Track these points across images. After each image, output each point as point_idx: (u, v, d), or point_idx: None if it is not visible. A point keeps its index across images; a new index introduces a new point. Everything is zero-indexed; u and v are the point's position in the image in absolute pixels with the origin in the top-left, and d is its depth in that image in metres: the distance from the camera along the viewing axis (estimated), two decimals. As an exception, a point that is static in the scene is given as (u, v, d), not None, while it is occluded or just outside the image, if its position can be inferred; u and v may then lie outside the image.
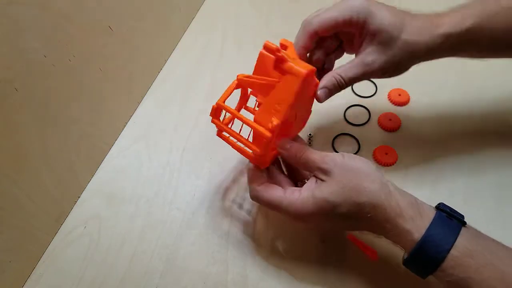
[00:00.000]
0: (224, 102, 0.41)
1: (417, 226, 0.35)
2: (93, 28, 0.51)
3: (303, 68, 0.38)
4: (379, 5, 0.41)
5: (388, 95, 0.60)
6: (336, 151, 0.54)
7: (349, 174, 0.37)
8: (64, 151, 0.49)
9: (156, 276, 0.46)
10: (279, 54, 0.38)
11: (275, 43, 0.56)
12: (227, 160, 0.55)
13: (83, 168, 0.53)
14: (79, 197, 0.53)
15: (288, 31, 0.72)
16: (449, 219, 0.36)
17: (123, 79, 0.58)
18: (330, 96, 0.43)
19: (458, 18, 0.41)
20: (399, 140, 0.55)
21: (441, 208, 0.37)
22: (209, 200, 0.52)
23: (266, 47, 0.39)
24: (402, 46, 0.41)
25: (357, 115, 0.58)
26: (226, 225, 0.50)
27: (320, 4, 0.75)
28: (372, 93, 0.60)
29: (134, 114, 0.61)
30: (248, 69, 0.68)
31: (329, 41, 0.45)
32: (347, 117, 0.58)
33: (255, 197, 0.41)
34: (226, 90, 0.41)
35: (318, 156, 0.39)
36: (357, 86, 0.61)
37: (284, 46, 0.44)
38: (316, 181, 0.39)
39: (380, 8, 0.41)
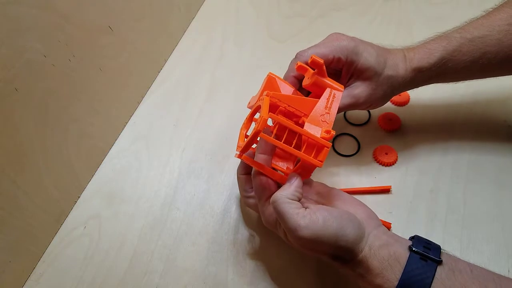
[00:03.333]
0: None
1: (388, 281, 0.35)
2: (93, 28, 0.51)
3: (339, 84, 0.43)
4: (365, 44, 0.45)
5: (388, 95, 0.60)
6: (336, 151, 0.55)
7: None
8: (64, 151, 0.49)
9: (156, 276, 0.46)
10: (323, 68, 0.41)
11: (274, 42, 0.56)
12: (227, 160, 0.55)
13: (83, 168, 0.53)
14: (79, 197, 0.53)
15: (288, 31, 0.72)
16: (423, 261, 0.35)
17: (123, 79, 0.58)
18: None
19: (425, 54, 0.46)
20: (399, 140, 0.55)
21: (415, 250, 0.36)
22: (209, 200, 0.52)
23: (313, 62, 0.41)
24: (384, 81, 0.45)
25: (357, 115, 0.58)
26: (226, 225, 0.50)
27: (319, 4, 0.74)
28: (372, 93, 0.60)
29: (134, 114, 0.61)
30: (247, 69, 0.69)
31: None
32: (347, 117, 0.58)
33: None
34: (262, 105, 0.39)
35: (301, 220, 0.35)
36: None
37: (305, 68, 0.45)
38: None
39: (366, 48, 0.45)
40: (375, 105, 0.48)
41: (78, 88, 0.50)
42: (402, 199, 0.50)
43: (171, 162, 0.56)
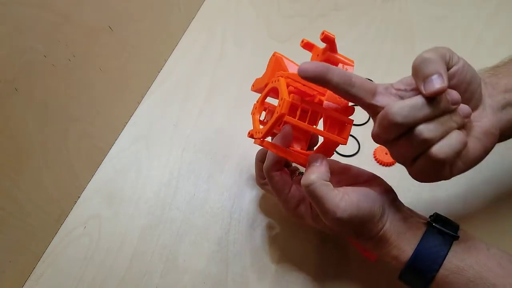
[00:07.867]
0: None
1: (403, 252, 0.36)
2: (93, 28, 0.51)
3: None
4: None
5: (388, 95, 0.59)
6: (336, 151, 0.54)
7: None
8: (64, 151, 0.49)
9: (156, 276, 0.46)
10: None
11: (274, 43, 0.55)
12: (227, 160, 0.55)
13: (83, 168, 0.53)
14: (79, 197, 0.53)
15: (288, 31, 0.72)
16: (439, 235, 0.36)
17: (123, 79, 0.58)
18: None
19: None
20: (399, 140, 0.55)
21: (433, 224, 0.37)
22: (209, 200, 0.52)
23: (326, 37, 0.38)
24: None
25: (357, 115, 0.58)
26: (226, 225, 0.50)
27: (319, 4, 0.74)
28: (372, 93, 0.60)
29: (134, 114, 0.61)
30: (247, 69, 0.68)
31: None
32: (347, 117, 0.58)
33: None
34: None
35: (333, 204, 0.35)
36: (357, 86, 0.61)
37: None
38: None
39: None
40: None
41: (78, 88, 0.50)
42: (402, 200, 0.50)
43: (171, 162, 0.56)
